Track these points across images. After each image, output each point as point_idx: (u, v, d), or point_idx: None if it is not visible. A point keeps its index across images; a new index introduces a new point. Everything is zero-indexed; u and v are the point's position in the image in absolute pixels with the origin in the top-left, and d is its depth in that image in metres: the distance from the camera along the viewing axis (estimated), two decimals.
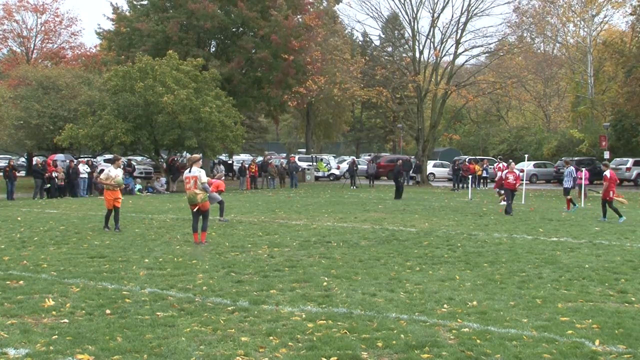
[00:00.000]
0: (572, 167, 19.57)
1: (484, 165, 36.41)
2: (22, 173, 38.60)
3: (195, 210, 11.52)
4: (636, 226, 14.60)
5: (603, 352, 5.17)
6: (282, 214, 17.46)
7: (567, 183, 20.25)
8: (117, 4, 38.70)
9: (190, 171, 11.58)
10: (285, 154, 54.51)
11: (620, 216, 15.81)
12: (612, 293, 7.40)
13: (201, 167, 11.79)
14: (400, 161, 28.95)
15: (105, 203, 13.73)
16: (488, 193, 28.47)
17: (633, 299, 7.10)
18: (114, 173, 13.61)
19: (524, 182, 25.26)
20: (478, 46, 38.88)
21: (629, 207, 21.02)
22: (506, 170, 18.68)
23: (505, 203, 20.49)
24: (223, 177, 17.78)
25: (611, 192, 15.99)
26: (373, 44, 54.70)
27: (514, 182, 17.74)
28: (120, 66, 31.72)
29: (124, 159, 15.02)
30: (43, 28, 48.95)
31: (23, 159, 43.81)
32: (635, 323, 6.02)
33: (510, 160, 24.36)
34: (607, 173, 16.16)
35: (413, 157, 41.96)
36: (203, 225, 11.53)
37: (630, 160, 36.90)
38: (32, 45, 49.25)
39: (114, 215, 13.52)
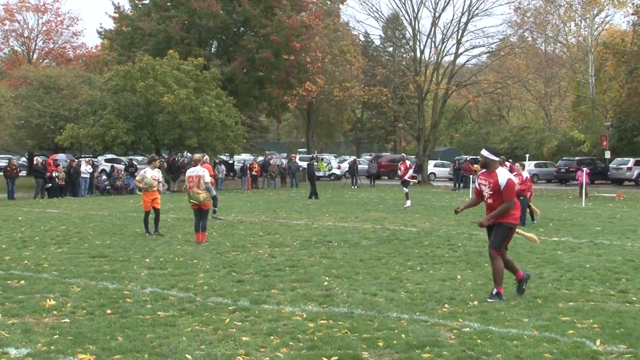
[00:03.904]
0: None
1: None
2: (23, 173, 38.62)
3: (195, 209, 11.55)
4: (637, 226, 14.58)
5: (604, 352, 5.16)
6: (283, 214, 17.46)
7: None
8: (118, 3, 38.76)
9: (193, 170, 11.59)
10: (285, 154, 54.51)
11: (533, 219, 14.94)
12: (613, 293, 7.39)
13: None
14: (314, 161, 28.90)
15: (143, 206, 13.11)
16: None
17: (634, 298, 7.09)
18: (150, 174, 12.93)
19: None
20: (479, 46, 38.93)
21: (630, 206, 21.00)
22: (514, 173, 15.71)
23: (407, 205, 19.69)
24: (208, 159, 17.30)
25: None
26: (374, 44, 54.71)
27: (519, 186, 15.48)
28: (121, 66, 31.75)
29: (159, 159, 14.36)
30: (44, 28, 48.98)
31: (24, 159, 43.84)
32: (636, 323, 6.01)
33: (513, 161, 23.19)
34: (525, 174, 14.90)
35: (413, 156, 41.93)
36: (202, 225, 11.54)
37: (631, 160, 36.89)
38: (33, 45, 49.27)
39: (155, 217, 12.91)
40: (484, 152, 7.20)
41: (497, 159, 7.15)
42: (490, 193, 7.04)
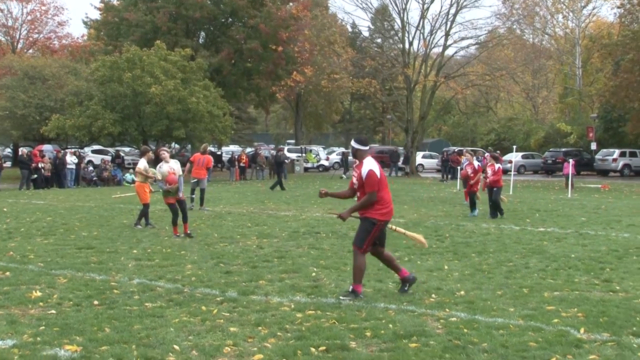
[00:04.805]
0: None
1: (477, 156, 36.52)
2: (8, 164, 38.22)
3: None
4: (622, 216, 14.75)
5: (588, 340, 5.23)
6: (271, 205, 17.45)
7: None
8: None
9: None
10: (274, 145, 54.42)
11: (473, 210, 14.93)
12: (597, 282, 7.47)
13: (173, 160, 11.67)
14: (281, 150, 28.79)
15: (142, 197, 12.62)
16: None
17: (617, 287, 7.18)
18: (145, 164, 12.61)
19: (512, 173, 25.40)
20: (467, 38, 38.99)
21: (615, 197, 21.24)
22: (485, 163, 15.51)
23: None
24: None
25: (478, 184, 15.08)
26: (362, 35, 54.62)
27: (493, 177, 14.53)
28: (108, 56, 31.45)
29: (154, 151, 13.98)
30: (29, 17, 48.34)
31: (9, 150, 43.38)
32: (619, 311, 6.09)
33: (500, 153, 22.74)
34: (476, 164, 15.34)
35: (402, 147, 42.03)
36: (183, 217, 11.30)
37: (617, 152, 37.27)
38: (17, 35, 48.62)
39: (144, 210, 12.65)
40: (352, 142, 6.78)
41: (364, 148, 6.70)
42: (357, 185, 6.67)
